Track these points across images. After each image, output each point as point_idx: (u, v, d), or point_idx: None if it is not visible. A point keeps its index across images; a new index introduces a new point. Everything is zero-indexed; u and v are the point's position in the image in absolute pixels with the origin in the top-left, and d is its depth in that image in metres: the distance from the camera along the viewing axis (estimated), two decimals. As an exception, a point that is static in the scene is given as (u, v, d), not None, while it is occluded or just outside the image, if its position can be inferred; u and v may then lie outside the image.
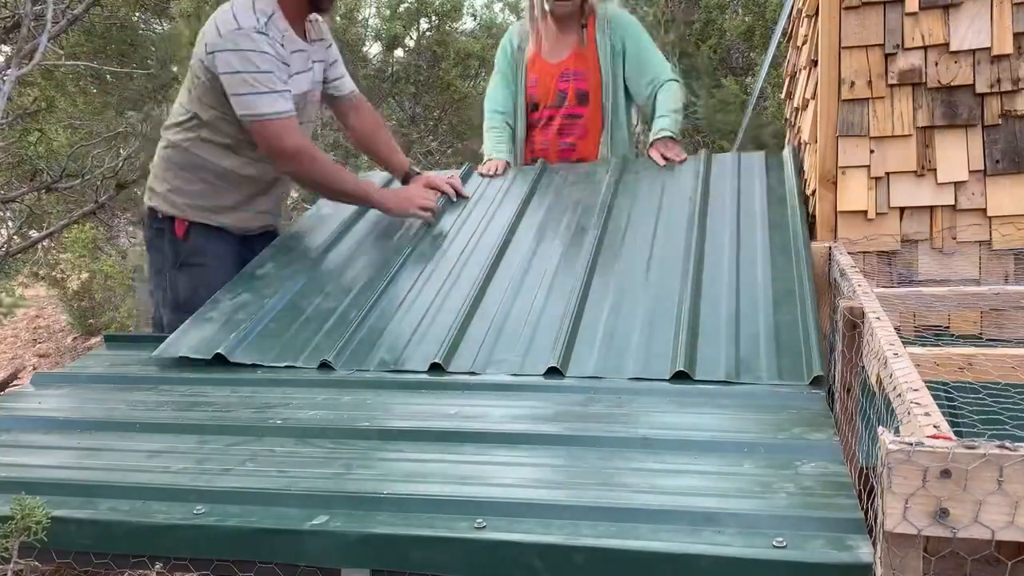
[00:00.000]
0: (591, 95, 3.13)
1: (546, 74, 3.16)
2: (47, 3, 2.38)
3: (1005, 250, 2.11)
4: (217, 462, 1.55)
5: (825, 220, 2.23)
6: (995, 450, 0.91)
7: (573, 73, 3.13)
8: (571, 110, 3.15)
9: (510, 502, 1.31)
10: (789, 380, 1.71)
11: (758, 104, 4.97)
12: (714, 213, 2.47)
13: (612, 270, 2.24)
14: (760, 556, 1.13)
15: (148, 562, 1.40)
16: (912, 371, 1.20)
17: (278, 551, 1.31)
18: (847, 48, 2.18)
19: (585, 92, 3.14)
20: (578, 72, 3.13)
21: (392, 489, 1.37)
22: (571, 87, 3.13)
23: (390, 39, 6.34)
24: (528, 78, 3.19)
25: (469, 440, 1.57)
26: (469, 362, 1.94)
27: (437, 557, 1.25)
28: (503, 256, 2.41)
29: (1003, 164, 2.11)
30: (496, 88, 3.26)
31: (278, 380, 1.97)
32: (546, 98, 3.17)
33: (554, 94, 3.15)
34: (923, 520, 0.92)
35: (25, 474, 1.55)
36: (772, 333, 1.87)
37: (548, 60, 3.17)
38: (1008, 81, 2.09)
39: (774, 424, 1.54)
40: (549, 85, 3.15)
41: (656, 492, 1.32)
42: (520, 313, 2.11)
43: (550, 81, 3.15)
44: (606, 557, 1.18)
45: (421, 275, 2.37)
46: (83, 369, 2.20)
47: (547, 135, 3.19)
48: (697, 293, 2.05)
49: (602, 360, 1.87)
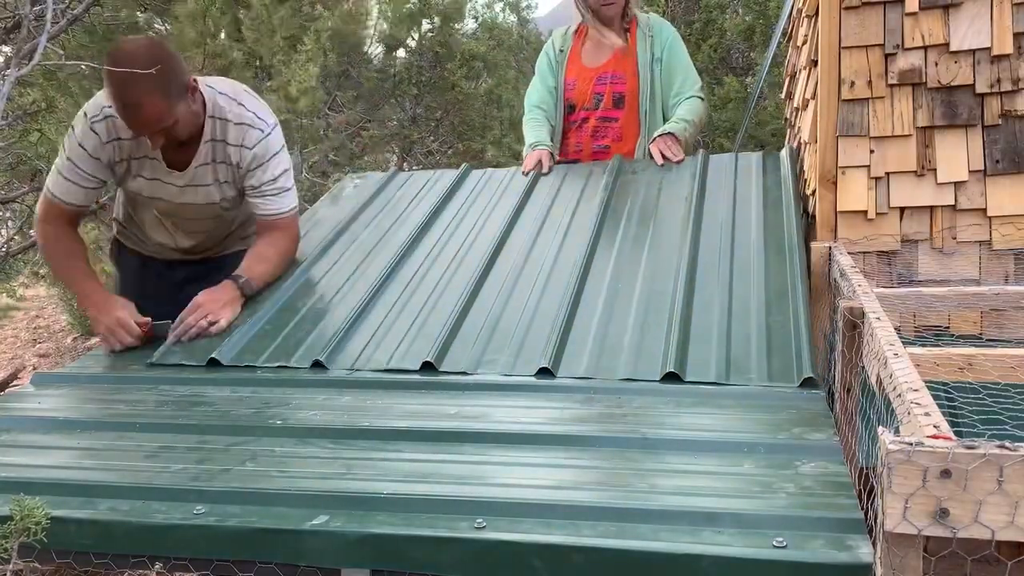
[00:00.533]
0: (627, 99, 3.14)
1: (584, 77, 3.18)
2: (47, 3, 2.38)
3: (1005, 250, 2.11)
4: (217, 462, 1.55)
5: (825, 220, 2.23)
6: (995, 450, 0.91)
7: (611, 76, 3.15)
8: (606, 112, 3.16)
9: (510, 502, 1.31)
10: (779, 382, 1.71)
11: (758, 104, 4.98)
12: (709, 214, 2.47)
13: (606, 270, 2.24)
14: (760, 556, 1.13)
15: (148, 562, 1.40)
16: (912, 371, 1.20)
17: (278, 551, 1.31)
18: (847, 48, 2.18)
19: (622, 95, 3.15)
20: (616, 75, 3.14)
21: (392, 489, 1.37)
22: (608, 90, 3.15)
23: (392, 40, 6.34)
24: (567, 81, 3.21)
25: (469, 440, 1.57)
26: (461, 362, 1.94)
27: (437, 557, 1.25)
28: (497, 256, 2.41)
29: (1003, 164, 2.10)
30: (535, 88, 3.27)
31: (278, 380, 1.97)
32: (582, 100, 3.18)
33: (591, 96, 3.17)
34: (923, 520, 0.92)
35: (25, 474, 1.55)
36: (764, 334, 1.87)
37: (587, 64, 3.19)
38: (1008, 81, 2.09)
39: (774, 424, 1.54)
40: (586, 88, 3.17)
41: (656, 492, 1.32)
42: (513, 313, 2.11)
43: (587, 84, 3.17)
44: (606, 557, 1.18)
45: (416, 275, 2.38)
46: (83, 369, 2.20)
47: (581, 137, 3.21)
48: (690, 294, 2.05)
49: (593, 361, 1.87)
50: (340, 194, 3.05)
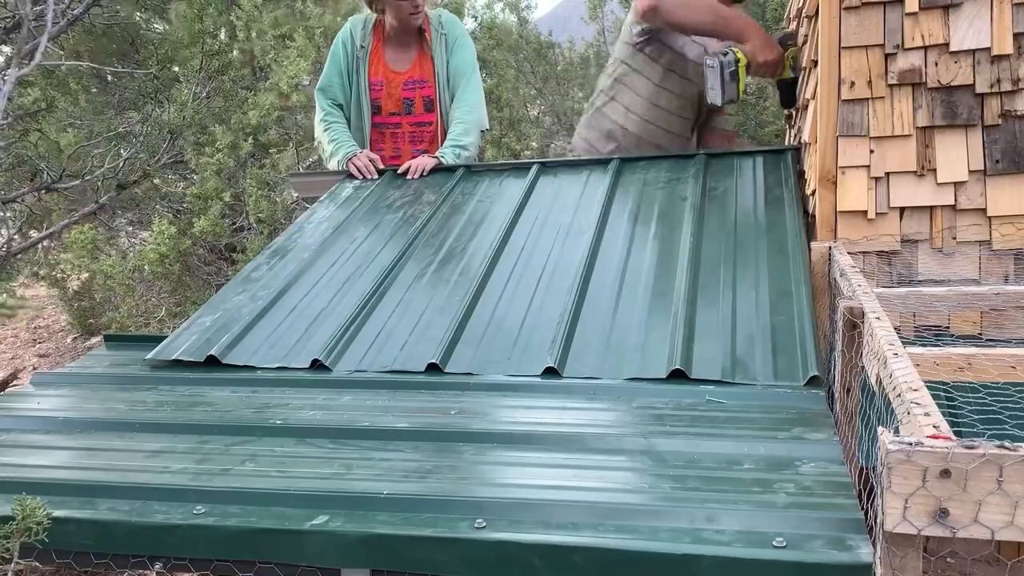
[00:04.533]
0: (435, 102, 3.22)
1: (391, 82, 3.20)
2: (47, 3, 2.38)
3: (1005, 250, 2.11)
4: (217, 462, 1.55)
5: (825, 220, 2.22)
6: (995, 450, 0.91)
7: (418, 82, 3.20)
8: (420, 118, 3.23)
9: (510, 502, 1.31)
10: (784, 380, 1.71)
11: (758, 104, 4.98)
12: (711, 213, 2.47)
13: (609, 270, 2.24)
14: (760, 556, 1.13)
15: (148, 562, 1.40)
16: (912, 371, 1.20)
17: (278, 551, 1.31)
18: (847, 48, 2.18)
19: (431, 99, 3.22)
20: (423, 80, 3.21)
21: (392, 489, 1.37)
22: (418, 95, 3.20)
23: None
24: (371, 81, 3.20)
25: (469, 440, 1.57)
26: (466, 363, 1.94)
27: (437, 557, 1.25)
28: (500, 256, 2.41)
29: (1003, 164, 2.10)
30: (332, 83, 3.24)
31: (278, 380, 1.97)
32: (390, 105, 3.21)
33: (400, 101, 3.20)
34: (923, 520, 0.92)
35: (25, 474, 1.55)
36: (768, 333, 1.87)
37: (393, 67, 3.20)
38: (1008, 81, 2.09)
39: (774, 424, 1.54)
40: (394, 93, 3.20)
41: (656, 492, 1.32)
42: (517, 313, 2.11)
43: (395, 89, 3.20)
44: (606, 557, 1.18)
45: (418, 275, 2.37)
46: (83, 369, 2.20)
47: (398, 143, 3.25)
48: (694, 293, 2.05)
49: (599, 360, 1.87)
50: (340, 194, 3.05)
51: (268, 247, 2.71)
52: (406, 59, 3.20)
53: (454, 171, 3.06)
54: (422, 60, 3.19)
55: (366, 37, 3.21)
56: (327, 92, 3.26)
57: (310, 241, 2.68)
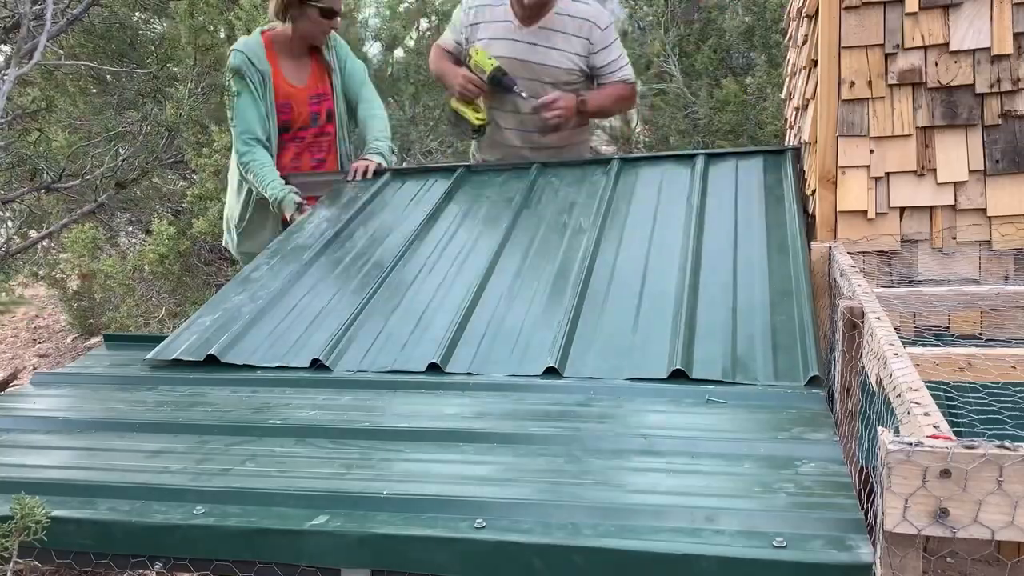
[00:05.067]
0: (334, 113, 3.26)
1: (297, 99, 3.18)
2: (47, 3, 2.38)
3: (1005, 250, 2.11)
4: (217, 462, 1.55)
5: (825, 220, 2.23)
6: (995, 450, 0.91)
7: (320, 96, 3.23)
8: (322, 128, 3.25)
9: (510, 502, 1.31)
10: (785, 380, 1.71)
11: (758, 104, 4.98)
12: (712, 213, 2.47)
13: (610, 270, 2.24)
14: (760, 556, 1.14)
15: (148, 562, 1.40)
16: (912, 371, 1.20)
17: (278, 551, 1.31)
18: (847, 48, 2.18)
19: (331, 111, 3.25)
20: (323, 93, 3.24)
21: (392, 489, 1.37)
22: (322, 108, 3.23)
23: (390, 39, 6.33)
24: (278, 103, 3.15)
25: (469, 440, 1.57)
26: (467, 363, 1.94)
27: (437, 557, 1.25)
28: (500, 256, 2.40)
29: (1003, 164, 2.11)
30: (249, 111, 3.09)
31: (278, 380, 1.97)
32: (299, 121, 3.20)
33: (308, 116, 3.21)
34: (923, 520, 0.92)
35: (25, 474, 1.55)
36: (769, 333, 1.87)
37: (295, 84, 3.19)
38: (1008, 81, 2.09)
39: (774, 424, 1.54)
40: (302, 110, 3.19)
41: (656, 492, 1.32)
42: (518, 313, 2.11)
43: (302, 106, 3.19)
44: (606, 557, 1.18)
45: (418, 276, 2.37)
46: (83, 369, 2.20)
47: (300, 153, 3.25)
48: (694, 293, 2.05)
49: (600, 360, 1.87)
50: (339, 194, 3.05)
51: (267, 247, 2.71)
52: (303, 72, 3.22)
53: (453, 171, 3.07)
54: (318, 72, 3.23)
55: (262, 62, 3.15)
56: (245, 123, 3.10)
57: (310, 241, 2.68)
